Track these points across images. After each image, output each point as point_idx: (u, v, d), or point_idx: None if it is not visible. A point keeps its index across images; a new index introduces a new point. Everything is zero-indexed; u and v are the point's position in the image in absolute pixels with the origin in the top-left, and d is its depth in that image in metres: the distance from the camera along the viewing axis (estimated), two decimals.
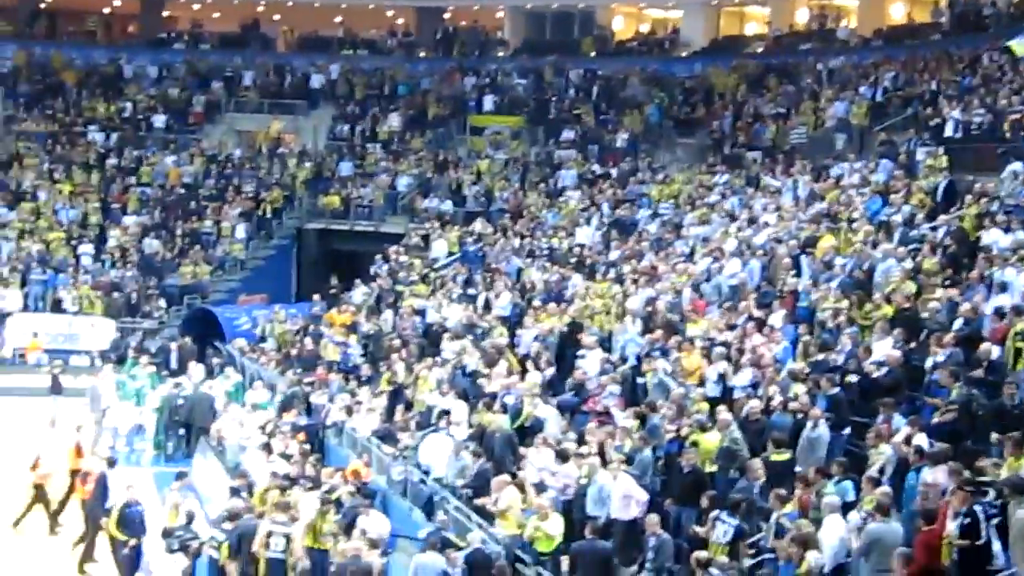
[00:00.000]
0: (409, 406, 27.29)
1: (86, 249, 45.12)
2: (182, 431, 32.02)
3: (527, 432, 22.74)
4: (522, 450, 21.89)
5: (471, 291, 34.97)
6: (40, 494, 24.68)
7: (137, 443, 32.00)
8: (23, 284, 42.48)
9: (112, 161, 50.93)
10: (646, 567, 17.29)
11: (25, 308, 41.93)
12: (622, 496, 18.46)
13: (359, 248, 45.47)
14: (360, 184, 48.89)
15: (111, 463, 23.81)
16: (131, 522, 20.03)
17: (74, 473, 24.73)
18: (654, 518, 17.65)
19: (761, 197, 34.75)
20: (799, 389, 20.27)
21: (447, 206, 46.31)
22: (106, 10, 61.24)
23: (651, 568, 17.07)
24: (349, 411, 28.08)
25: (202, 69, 56.55)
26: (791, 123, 41.68)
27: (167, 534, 19.57)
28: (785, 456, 18.62)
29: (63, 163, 50.54)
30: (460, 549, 18.12)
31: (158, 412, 31.98)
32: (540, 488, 19.85)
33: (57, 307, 42.09)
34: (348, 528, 19.39)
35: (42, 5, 59.47)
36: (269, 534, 18.21)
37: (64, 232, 46.15)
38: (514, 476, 20.49)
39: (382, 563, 18.55)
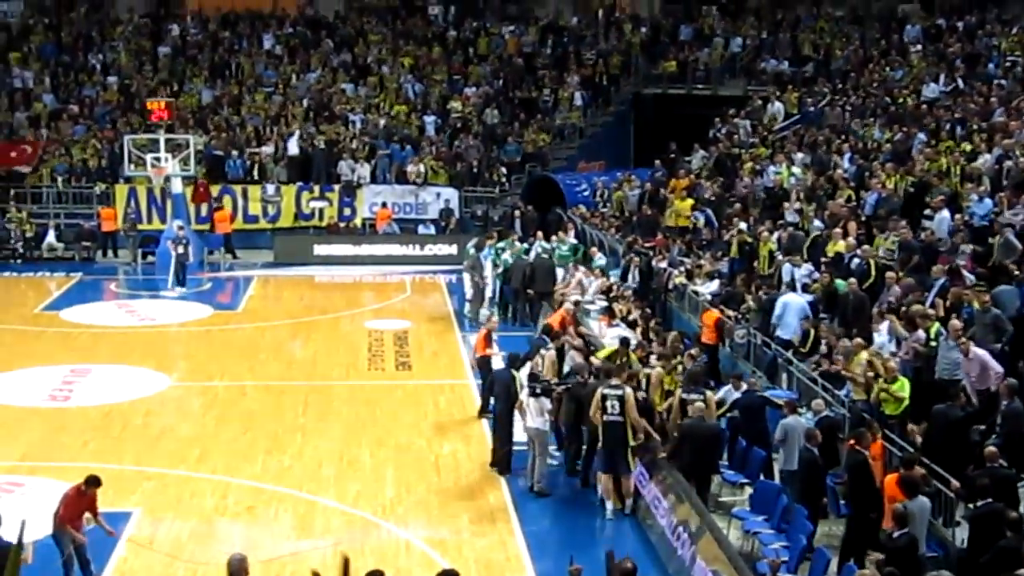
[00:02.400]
0: (751, 269, 27.11)
1: (430, 120, 46.17)
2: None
3: (873, 295, 22.32)
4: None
5: (812, 152, 34.31)
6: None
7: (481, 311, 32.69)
8: (370, 157, 43.82)
9: (452, 33, 51.85)
10: (995, 432, 16.82)
11: (373, 180, 43.30)
12: (979, 367, 17.89)
13: (697, 112, 45.05)
14: (697, 48, 48.44)
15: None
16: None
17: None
18: (1008, 383, 17.11)
19: None
20: None
21: (785, 67, 45.46)
22: None
23: (1000, 433, 16.59)
24: (690, 275, 28.13)
25: None
26: None
27: (533, 378, 20.32)
28: None
29: (405, 37, 51.75)
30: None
31: (501, 277, 32.59)
32: (888, 351, 19.50)
33: (403, 178, 43.31)
34: (688, 391, 19.46)
35: None
36: (604, 397, 18.49)
37: (408, 105, 47.35)
38: (864, 340, 20.16)
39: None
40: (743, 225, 29.52)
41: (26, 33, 51.65)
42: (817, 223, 27.47)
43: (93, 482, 15.58)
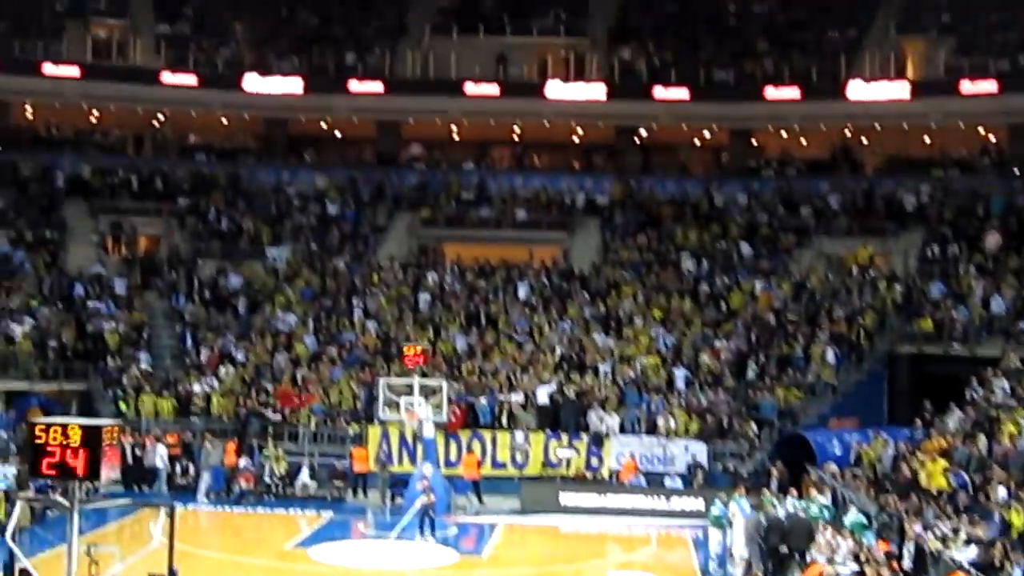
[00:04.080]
0: (1013, 536, 26.09)
1: (680, 373, 46.23)
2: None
3: None
4: None
5: None
6: None
7: (727, 568, 32.12)
8: (619, 407, 43.95)
9: (704, 288, 52.18)
10: None
11: (622, 430, 43.35)
12: None
13: (953, 372, 44.04)
14: (953, 306, 47.68)
15: None
16: None
17: None
18: None
19: None
20: None
21: None
22: (697, 142, 63.03)
23: None
24: (945, 540, 27.18)
25: (791, 195, 57.26)
26: None
27: None
28: None
29: (657, 290, 52.27)
30: None
31: (751, 536, 31.98)
32: None
33: (652, 429, 43.24)
34: None
35: (637, 140, 62.22)
36: None
37: (659, 357, 47.54)
38: None
39: None
40: (1003, 490, 28.52)
41: (291, 278, 53.88)
42: None
43: None
